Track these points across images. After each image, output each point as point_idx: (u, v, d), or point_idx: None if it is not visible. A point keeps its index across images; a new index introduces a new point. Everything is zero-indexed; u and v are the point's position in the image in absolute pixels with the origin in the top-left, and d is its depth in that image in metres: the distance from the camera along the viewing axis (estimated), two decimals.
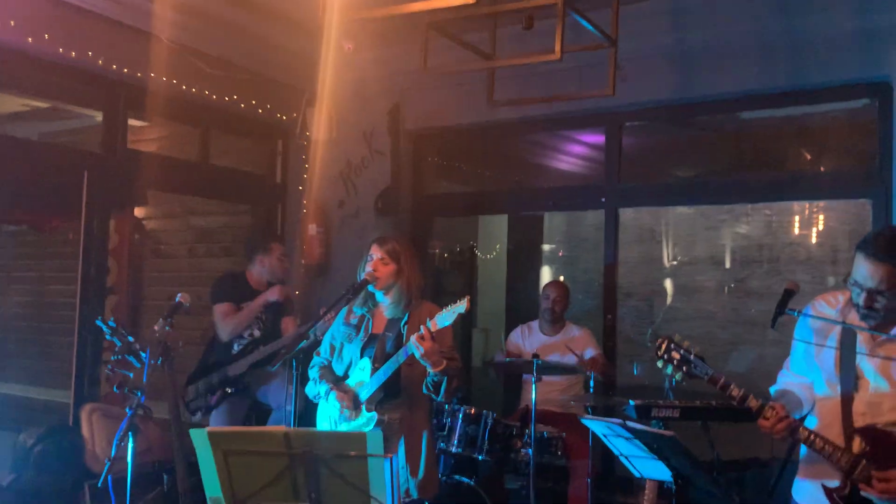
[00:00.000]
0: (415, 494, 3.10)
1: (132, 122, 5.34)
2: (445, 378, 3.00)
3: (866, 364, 2.47)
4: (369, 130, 5.72)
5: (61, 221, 6.09)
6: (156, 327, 3.21)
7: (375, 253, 3.22)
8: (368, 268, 3.19)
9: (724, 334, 7.82)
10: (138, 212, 6.90)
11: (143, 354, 3.18)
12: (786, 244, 7.66)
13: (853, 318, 2.51)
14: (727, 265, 8.20)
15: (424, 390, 3.08)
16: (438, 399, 3.09)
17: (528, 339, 4.89)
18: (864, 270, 2.37)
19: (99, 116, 5.15)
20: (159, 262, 6.96)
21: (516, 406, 4.92)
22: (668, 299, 8.36)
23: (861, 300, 2.40)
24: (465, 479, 4.16)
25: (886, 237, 2.40)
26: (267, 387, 4.53)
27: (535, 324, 4.98)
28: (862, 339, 2.49)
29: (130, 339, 3.23)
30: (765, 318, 2.57)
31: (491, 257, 8.80)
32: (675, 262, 8.47)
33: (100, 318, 3.53)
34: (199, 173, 5.68)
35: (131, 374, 3.25)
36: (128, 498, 3.06)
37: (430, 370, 2.97)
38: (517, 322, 5.16)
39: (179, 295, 3.40)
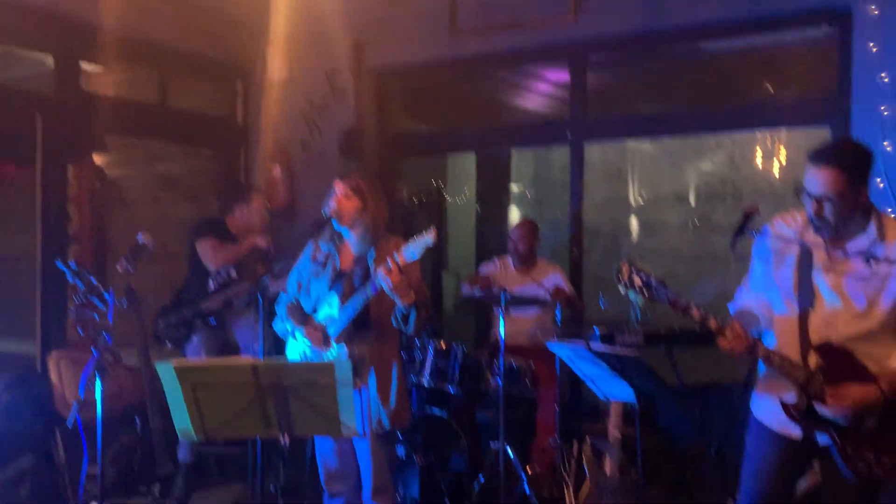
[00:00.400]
0: (387, 424, 3.15)
1: (88, 66, 5.18)
2: (414, 310, 3.02)
3: (822, 281, 2.52)
4: (331, 69, 5.61)
5: (16, 168, 5.93)
6: (119, 267, 3.18)
7: (339, 189, 3.20)
8: (332, 204, 3.18)
9: (689, 270, 7.96)
10: (98, 159, 6.74)
11: (108, 295, 3.15)
12: (749, 178, 7.76)
13: (811, 236, 2.56)
14: (692, 202, 8.30)
15: (394, 323, 3.10)
16: (408, 331, 3.11)
17: (502, 274, 4.92)
18: (812, 177, 2.42)
19: (50, 60, 4.98)
20: (123, 210, 6.84)
21: (488, 341, 4.98)
22: (634, 237, 8.48)
23: (811, 209, 2.45)
24: (437, 411, 4.24)
25: (833, 144, 2.45)
26: (237, 325, 4.54)
27: (509, 259, 5.00)
28: (818, 257, 2.55)
29: (93, 280, 3.19)
30: (729, 254, 2.60)
31: (460, 200, 8.79)
32: (640, 200, 8.56)
33: (60, 260, 3.48)
34: (157, 116, 5.56)
35: (97, 316, 3.22)
36: (98, 439, 3.06)
37: (398, 303, 2.99)
38: None
39: (141, 235, 3.36)
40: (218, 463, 4.77)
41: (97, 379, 2.97)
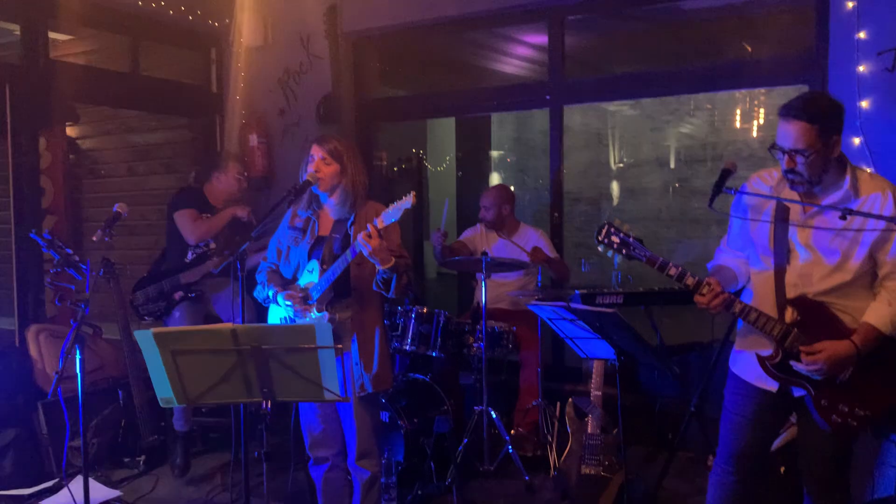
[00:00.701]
0: (370, 389, 3.15)
1: (57, 35, 5.06)
2: (395, 274, 3.01)
3: (797, 236, 2.54)
4: (306, 34, 5.52)
5: None
6: (94, 237, 3.14)
7: (316, 153, 3.15)
8: (310, 168, 3.14)
9: (670, 233, 8.02)
10: (72, 131, 6.63)
11: (84, 266, 3.11)
12: (729, 142, 7.79)
13: (787, 192, 2.57)
14: (672, 165, 8.34)
15: (375, 288, 3.09)
16: (389, 295, 3.10)
17: (482, 238, 4.91)
18: (782, 131, 2.44)
19: (17, 31, 4.86)
20: (98, 182, 6.76)
21: (470, 306, 4.99)
22: (615, 201, 8.51)
23: (784, 163, 2.46)
24: (420, 376, 4.25)
25: (801, 98, 2.45)
26: (217, 298, 4.51)
27: None
28: (793, 212, 2.56)
29: (68, 250, 3.14)
30: (709, 217, 2.61)
31: (441, 168, 8.75)
32: (621, 165, 8.58)
33: (34, 231, 3.43)
34: (129, 85, 5.45)
35: (73, 287, 3.18)
36: (80, 411, 3.05)
37: (379, 267, 2.98)
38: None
39: (117, 205, 3.31)
40: (202, 431, 4.78)
41: (77, 350, 2.94)
